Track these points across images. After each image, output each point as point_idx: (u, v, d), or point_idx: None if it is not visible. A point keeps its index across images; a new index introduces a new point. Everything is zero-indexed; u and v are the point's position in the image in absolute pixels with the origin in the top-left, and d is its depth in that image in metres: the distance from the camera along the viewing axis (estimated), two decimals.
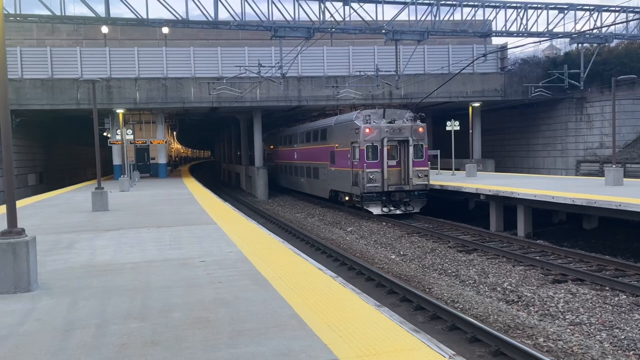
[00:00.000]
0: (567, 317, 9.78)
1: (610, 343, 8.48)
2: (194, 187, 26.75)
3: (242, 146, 45.33)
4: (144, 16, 24.99)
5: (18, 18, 23.89)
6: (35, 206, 18.75)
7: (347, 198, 24.71)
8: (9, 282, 6.66)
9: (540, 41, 26.71)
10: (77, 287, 7.03)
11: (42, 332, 5.24)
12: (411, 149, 22.37)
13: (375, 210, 22.53)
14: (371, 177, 22.06)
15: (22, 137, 33.06)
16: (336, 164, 25.51)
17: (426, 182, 22.83)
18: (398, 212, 22.58)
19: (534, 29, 30.07)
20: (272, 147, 42.37)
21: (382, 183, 22.19)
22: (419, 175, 22.56)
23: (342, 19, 26.79)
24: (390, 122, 22.57)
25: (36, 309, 6.04)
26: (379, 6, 27.88)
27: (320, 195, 28.91)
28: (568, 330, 9.12)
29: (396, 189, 22.44)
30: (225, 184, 54.58)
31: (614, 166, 20.15)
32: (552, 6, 30.35)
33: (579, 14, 31.04)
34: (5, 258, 6.60)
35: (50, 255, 9.22)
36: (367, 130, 22.19)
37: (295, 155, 33.54)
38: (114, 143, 33.13)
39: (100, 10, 24.09)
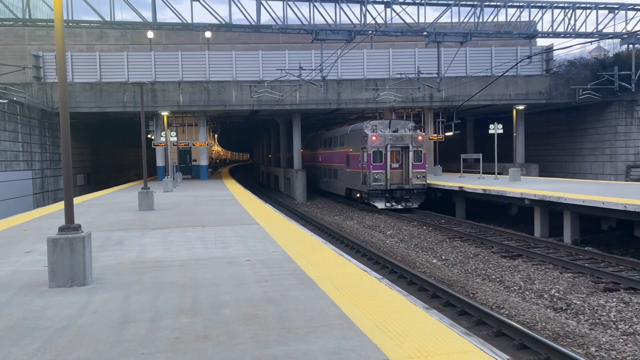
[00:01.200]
0: (619, 326, 9.43)
1: None
2: (234, 189, 27.15)
3: (281, 149, 45.73)
4: (189, 21, 25.60)
5: (70, 24, 24.88)
6: (85, 205, 19.43)
7: (358, 195, 28.45)
8: (66, 275, 6.93)
9: (589, 42, 25.88)
10: (129, 282, 7.25)
11: (99, 324, 5.43)
12: (411, 154, 25.96)
13: (380, 205, 26.25)
14: (376, 177, 25.88)
15: (72, 139, 34.29)
16: (350, 166, 29.35)
17: (424, 182, 26.28)
18: (399, 207, 26.06)
19: (582, 30, 29.18)
20: (301, 150, 42.85)
21: (386, 182, 25.96)
22: (418, 176, 26.05)
23: (383, 22, 26.71)
24: (394, 131, 26.22)
25: (92, 302, 6.26)
26: (421, 8, 27.68)
27: (338, 193, 32.84)
28: (621, 340, 8.79)
29: (398, 188, 26.14)
30: (264, 186, 55.16)
31: None
32: (602, 6, 29.38)
33: (630, 13, 29.99)
34: (63, 253, 6.87)
35: (102, 252, 9.54)
36: (374, 138, 25.99)
37: (320, 158, 37.50)
38: (158, 145, 33.99)
39: (147, 15, 24.86)
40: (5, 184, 23.93)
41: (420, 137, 26.36)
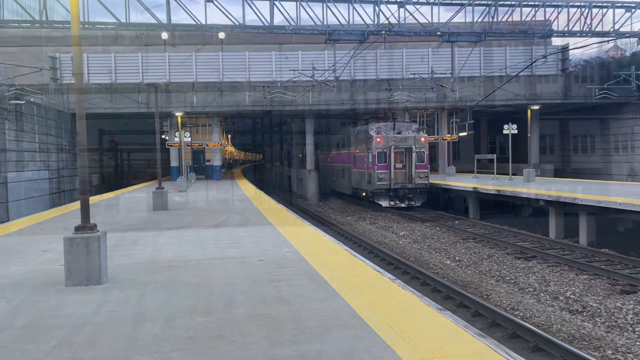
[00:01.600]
0: (636, 329, 9.29)
1: None
2: (247, 189, 27.26)
3: (293, 149, 45.80)
4: (203, 22, 25.74)
5: (86, 25, 25.14)
6: (100, 205, 19.63)
7: (364, 194, 29.17)
8: (82, 274, 7.01)
9: (606, 41, 25.59)
10: (144, 281, 7.31)
11: (115, 323, 5.49)
12: (414, 154, 26.78)
13: (384, 203, 26.94)
14: (381, 176, 26.69)
15: (87, 140, 34.67)
16: (356, 166, 30.16)
17: (426, 182, 27.03)
18: (402, 205, 26.71)
19: (598, 29, 28.81)
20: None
21: (390, 182, 26.73)
22: (421, 176, 26.84)
23: (396, 22, 26.61)
24: (398, 133, 27.01)
25: (108, 301, 6.33)
26: (434, 8, 27.52)
27: (345, 192, 33.44)
28: (638, 343, 8.67)
29: (401, 187, 26.92)
30: (276, 186, 55.25)
31: None
32: (619, 4, 28.98)
33: None
34: (79, 252, 6.95)
35: (116, 251, 9.62)
36: (379, 140, 26.78)
37: (329, 159, 38.22)
38: (172, 145, 34.21)
39: (162, 17, 25.04)
40: (22, 183, 24.27)
41: (422, 139, 27.30)
